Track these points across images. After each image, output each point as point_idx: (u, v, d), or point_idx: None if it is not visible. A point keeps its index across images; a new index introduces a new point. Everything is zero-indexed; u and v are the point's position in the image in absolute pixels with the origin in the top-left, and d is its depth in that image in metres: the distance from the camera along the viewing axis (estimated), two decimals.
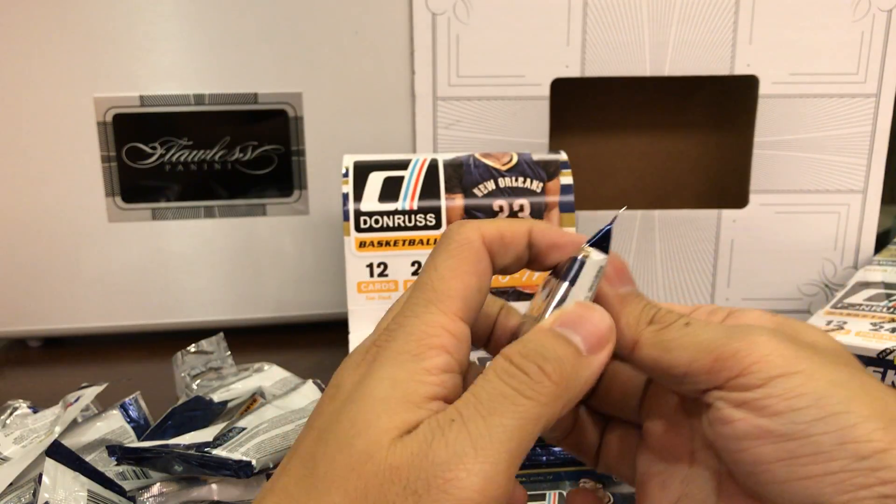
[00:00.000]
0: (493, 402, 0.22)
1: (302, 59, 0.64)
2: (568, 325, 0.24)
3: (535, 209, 0.56)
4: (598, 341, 0.24)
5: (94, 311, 0.67)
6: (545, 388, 0.22)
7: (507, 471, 0.21)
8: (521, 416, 0.21)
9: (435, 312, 0.24)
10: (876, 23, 0.63)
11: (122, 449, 0.41)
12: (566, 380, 0.23)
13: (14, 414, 0.49)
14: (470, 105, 0.65)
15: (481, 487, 0.20)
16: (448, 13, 0.63)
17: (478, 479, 0.20)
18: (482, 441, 0.21)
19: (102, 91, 0.62)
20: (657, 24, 0.64)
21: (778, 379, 0.22)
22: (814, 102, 0.65)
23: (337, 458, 0.22)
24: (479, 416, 0.21)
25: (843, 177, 0.66)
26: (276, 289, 0.68)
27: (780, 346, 0.23)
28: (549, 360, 0.23)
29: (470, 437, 0.21)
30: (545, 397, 0.22)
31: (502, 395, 0.22)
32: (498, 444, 0.21)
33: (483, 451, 0.21)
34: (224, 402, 0.49)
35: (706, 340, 0.24)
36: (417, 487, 0.20)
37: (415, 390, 0.22)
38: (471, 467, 0.20)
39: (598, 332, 0.24)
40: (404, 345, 0.23)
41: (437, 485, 0.20)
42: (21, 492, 0.38)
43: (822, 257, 0.67)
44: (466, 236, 0.25)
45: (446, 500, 0.20)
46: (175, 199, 0.65)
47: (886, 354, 0.49)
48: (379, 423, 0.22)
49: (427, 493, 0.20)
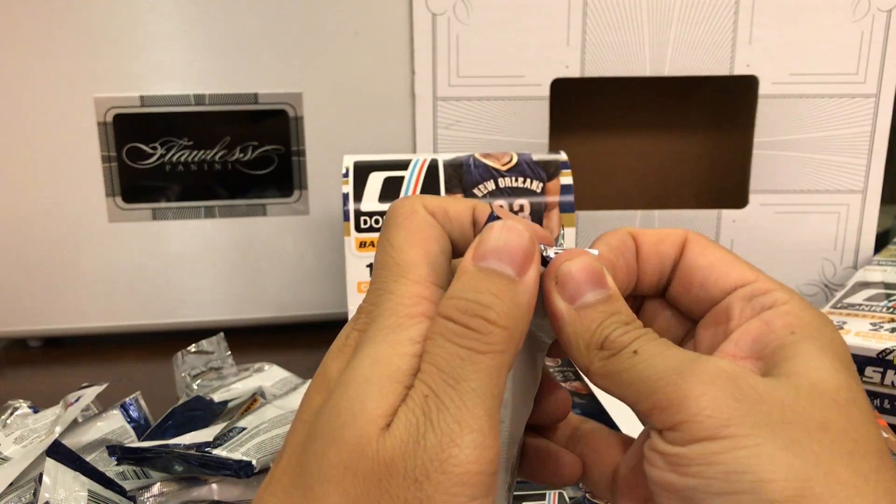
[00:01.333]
0: (453, 368, 0.22)
1: (302, 59, 0.64)
2: (488, 256, 0.23)
3: (535, 209, 0.56)
4: (523, 259, 0.23)
5: (94, 311, 0.67)
6: (496, 335, 0.22)
7: (492, 428, 0.22)
8: (484, 371, 0.22)
9: (406, 283, 0.24)
10: (876, 23, 0.63)
11: (122, 449, 0.41)
12: (511, 317, 0.22)
13: (14, 414, 0.49)
14: (470, 105, 0.65)
15: (476, 457, 0.21)
16: (448, 13, 0.63)
17: (470, 451, 0.21)
18: (461, 413, 0.21)
19: (103, 91, 0.63)
20: (657, 25, 0.64)
21: (701, 443, 0.21)
22: (814, 102, 0.65)
23: (328, 454, 0.22)
24: (448, 386, 0.22)
25: (842, 177, 0.66)
26: (276, 289, 0.68)
27: (718, 403, 0.21)
28: (489, 306, 0.22)
29: (449, 411, 0.21)
30: (500, 344, 0.22)
31: (459, 357, 0.22)
32: (475, 408, 0.21)
33: (465, 422, 0.21)
34: (224, 402, 0.49)
35: (649, 379, 0.22)
36: (417, 475, 0.21)
37: (398, 366, 0.22)
38: (460, 441, 0.21)
39: (520, 250, 0.23)
40: (384, 322, 0.23)
41: (435, 467, 0.21)
42: (21, 491, 0.38)
43: (821, 257, 0.68)
44: (410, 207, 0.25)
45: (447, 479, 0.21)
46: (175, 199, 0.65)
47: (886, 354, 0.49)
48: (364, 411, 0.22)
49: (427, 479, 0.21)
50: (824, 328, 0.24)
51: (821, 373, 0.22)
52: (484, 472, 0.21)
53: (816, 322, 0.24)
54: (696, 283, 0.27)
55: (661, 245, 0.27)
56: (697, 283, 0.26)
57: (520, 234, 0.23)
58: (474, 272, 0.23)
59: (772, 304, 0.25)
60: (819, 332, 0.24)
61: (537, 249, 0.24)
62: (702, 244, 0.27)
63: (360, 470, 0.21)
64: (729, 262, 0.26)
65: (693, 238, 0.27)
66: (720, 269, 0.26)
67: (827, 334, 0.24)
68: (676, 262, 0.27)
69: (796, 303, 0.25)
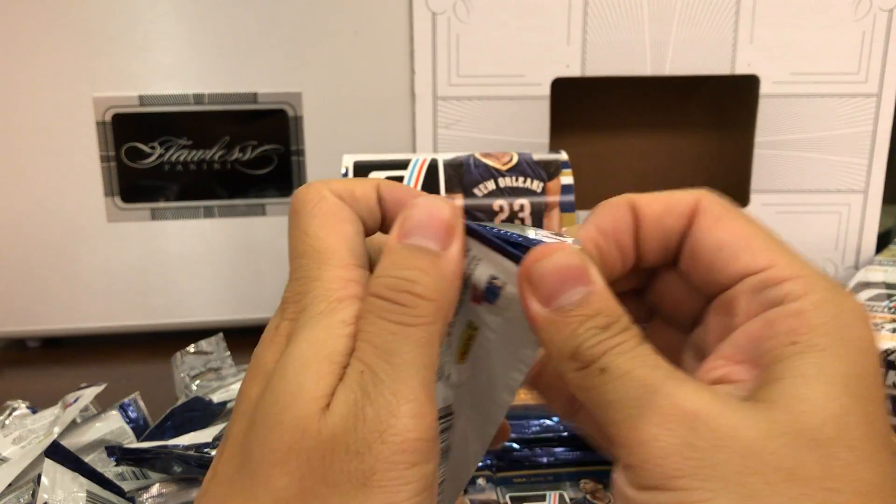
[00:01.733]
0: (386, 343, 0.22)
1: (302, 58, 0.63)
2: (412, 233, 0.23)
3: (535, 209, 0.56)
4: (445, 232, 0.23)
5: (93, 312, 0.67)
6: (424, 308, 0.22)
7: (428, 398, 0.22)
8: (416, 343, 0.22)
9: (331, 269, 0.24)
10: (877, 23, 0.63)
11: (121, 449, 0.40)
12: (437, 290, 0.23)
13: (13, 414, 0.49)
14: (470, 105, 0.65)
15: (414, 425, 0.21)
16: (448, 13, 0.63)
17: (408, 420, 0.21)
18: (397, 384, 0.22)
19: (101, 91, 0.62)
20: (658, 24, 0.63)
21: (650, 491, 0.20)
22: (815, 102, 0.65)
23: (270, 439, 0.22)
24: (382, 361, 0.22)
25: (844, 177, 0.66)
26: (276, 289, 0.68)
27: (668, 451, 0.20)
28: (415, 281, 0.23)
29: (385, 384, 0.22)
30: (428, 316, 0.22)
31: (391, 333, 0.22)
32: (409, 379, 0.22)
33: (401, 393, 0.22)
34: (223, 403, 0.49)
35: (610, 406, 0.21)
36: (359, 448, 0.21)
37: (334, 347, 0.22)
38: (398, 412, 0.21)
39: (441, 224, 0.23)
40: (315, 308, 0.23)
41: (375, 438, 0.21)
42: (20, 492, 0.38)
43: (823, 257, 0.67)
44: (318, 193, 0.25)
45: (387, 449, 0.21)
46: (174, 198, 0.65)
47: (888, 355, 0.49)
48: (303, 392, 0.22)
49: (369, 450, 0.21)
50: (842, 331, 0.21)
51: (809, 403, 0.20)
52: (423, 438, 0.21)
53: (832, 325, 0.21)
54: (701, 266, 0.24)
55: (666, 219, 0.25)
56: (703, 265, 0.24)
57: (440, 209, 0.23)
58: (400, 250, 0.23)
59: (781, 300, 0.22)
60: (831, 339, 0.21)
61: (460, 223, 0.24)
62: (714, 215, 0.24)
63: (303, 449, 0.21)
64: (742, 242, 0.23)
65: (705, 207, 0.24)
66: (729, 252, 0.23)
67: (843, 341, 0.21)
68: (684, 236, 0.25)
69: (813, 298, 0.22)
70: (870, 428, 0.20)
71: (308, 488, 0.21)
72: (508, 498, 0.41)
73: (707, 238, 0.24)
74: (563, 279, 0.23)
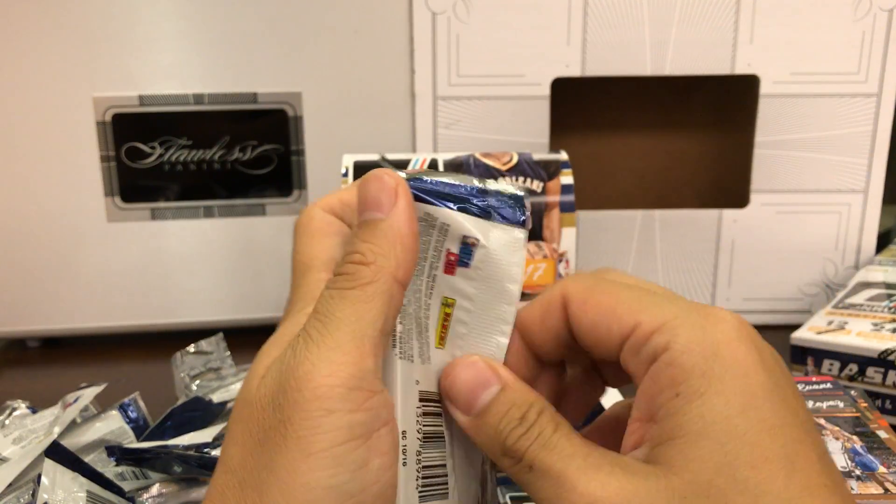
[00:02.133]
0: (325, 308, 0.23)
1: (302, 58, 0.63)
2: (360, 212, 0.25)
3: (535, 209, 0.56)
4: (385, 198, 0.25)
5: (93, 312, 0.67)
6: (363, 271, 0.24)
7: (355, 348, 0.23)
8: (350, 302, 0.23)
9: (310, 274, 0.27)
10: (877, 22, 0.63)
11: (121, 449, 0.40)
12: (376, 252, 0.24)
13: (13, 414, 0.49)
14: (470, 105, 0.65)
15: (330, 371, 0.22)
16: (448, 13, 0.63)
17: (324, 365, 0.22)
18: (323, 338, 0.23)
19: (101, 91, 0.62)
20: (658, 24, 0.63)
21: None
22: (814, 102, 0.65)
23: (229, 424, 0.24)
24: (318, 322, 0.23)
25: (844, 177, 0.66)
26: (276, 289, 0.68)
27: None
28: (358, 251, 0.24)
29: (312, 339, 0.23)
30: (366, 277, 0.24)
31: (330, 298, 0.24)
32: (336, 332, 0.23)
33: (324, 343, 0.23)
34: (223, 403, 0.49)
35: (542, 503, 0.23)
36: (280, 400, 0.22)
37: (292, 332, 0.24)
38: (314, 359, 0.22)
39: (380, 191, 0.25)
40: (293, 308, 0.26)
41: (292, 387, 0.22)
42: (20, 492, 0.38)
43: (823, 257, 0.67)
44: (308, 215, 0.29)
45: (301, 396, 0.22)
46: (174, 198, 0.65)
47: (887, 355, 0.49)
48: (253, 374, 0.24)
49: (286, 399, 0.22)
50: (716, 366, 0.22)
51: (697, 462, 0.21)
52: (341, 385, 0.22)
53: (703, 365, 0.22)
54: (590, 345, 0.25)
55: (547, 321, 0.26)
56: (590, 345, 0.25)
57: (377, 178, 0.25)
58: (355, 230, 0.25)
59: (654, 354, 0.22)
60: (707, 379, 0.21)
61: (400, 182, 0.25)
62: (579, 300, 0.25)
63: (243, 419, 0.23)
64: (608, 313, 0.24)
65: (570, 295, 0.25)
66: (601, 327, 0.24)
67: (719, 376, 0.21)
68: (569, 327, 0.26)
69: (680, 343, 0.22)
70: (769, 454, 0.21)
71: (248, 452, 0.23)
72: (508, 498, 0.41)
73: (581, 322, 0.25)
74: (473, 387, 0.25)
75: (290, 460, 0.22)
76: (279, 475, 0.22)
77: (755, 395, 0.21)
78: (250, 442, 0.23)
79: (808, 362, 0.53)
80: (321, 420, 0.22)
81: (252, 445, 0.23)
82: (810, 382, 0.46)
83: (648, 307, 0.23)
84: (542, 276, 0.57)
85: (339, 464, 0.22)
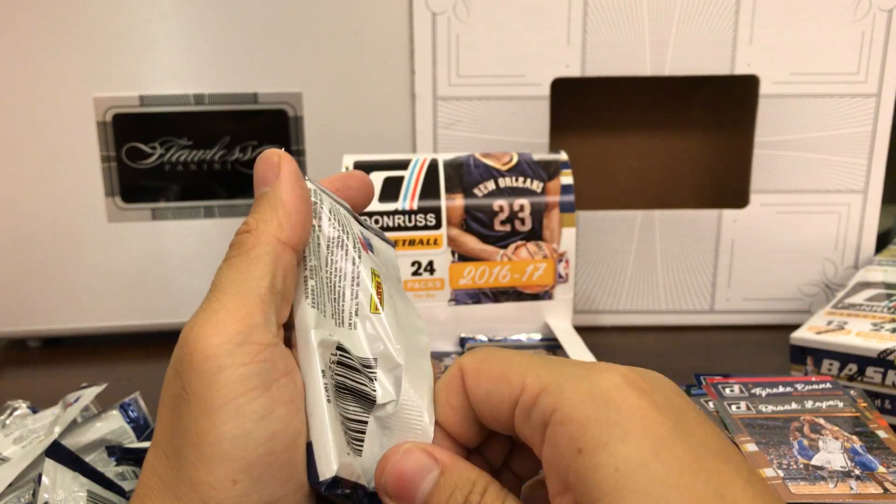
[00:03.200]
0: (216, 277, 0.25)
1: (302, 59, 0.64)
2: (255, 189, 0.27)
3: (535, 209, 0.56)
4: (269, 172, 0.27)
5: (93, 311, 0.67)
6: (244, 239, 0.25)
7: (239, 306, 0.24)
8: (233, 268, 0.25)
9: None
10: (876, 23, 0.63)
11: (121, 449, 0.40)
12: (261, 219, 0.26)
13: (14, 414, 0.49)
14: (470, 105, 0.65)
15: (216, 331, 0.23)
16: (448, 13, 0.63)
17: (210, 327, 0.23)
18: (207, 303, 0.24)
19: (102, 91, 0.62)
20: (657, 24, 0.63)
21: None
22: (814, 102, 0.65)
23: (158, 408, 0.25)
24: (209, 292, 0.25)
25: (843, 177, 0.66)
26: None
27: None
28: (247, 223, 0.26)
29: (201, 307, 0.24)
30: (246, 245, 0.25)
31: (220, 269, 0.25)
32: (222, 295, 0.24)
33: (208, 307, 0.24)
34: None
35: None
36: (178, 367, 0.23)
37: None
38: (202, 322, 0.23)
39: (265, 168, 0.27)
40: None
41: (186, 353, 0.23)
42: (20, 492, 0.38)
43: (822, 257, 0.67)
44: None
45: (193, 359, 0.23)
46: (175, 199, 0.65)
47: (887, 355, 0.49)
48: None
49: (183, 365, 0.23)
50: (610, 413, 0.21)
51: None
52: (227, 341, 0.23)
53: (596, 414, 0.21)
54: (488, 420, 0.25)
55: (452, 399, 0.26)
56: (488, 419, 0.25)
57: (262, 158, 0.27)
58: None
59: (544, 416, 0.22)
60: (604, 428, 0.21)
61: (283, 156, 0.27)
62: (472, 373, 0.25)
63: (162, 395, 0.25)
64: (497, 381, 0.24)
65: (466, 370, 0.25)
66: (495, 394, 0.24)
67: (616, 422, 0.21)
68: None
69: (567, 399, 0.21)
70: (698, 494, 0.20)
71: (165, 423, 0.24)
72: None
73: (476, 394, 0.25)
74: (412, 476, 0.24)
75: (194, 420, 0.23)
76: (189, 436, 0.23)
77: (662, 437, 0.20)
78: (166, 414, 0.24)
79: (807, 362, 0.53)
80: (215, 377, 0.22)
81: (167, 417, 0.24)
82: (810, 382, 0.47)
83: (535, 369, 0.23)
84: (542, 276, 0.57)
85: (241, 415, 0.22)
